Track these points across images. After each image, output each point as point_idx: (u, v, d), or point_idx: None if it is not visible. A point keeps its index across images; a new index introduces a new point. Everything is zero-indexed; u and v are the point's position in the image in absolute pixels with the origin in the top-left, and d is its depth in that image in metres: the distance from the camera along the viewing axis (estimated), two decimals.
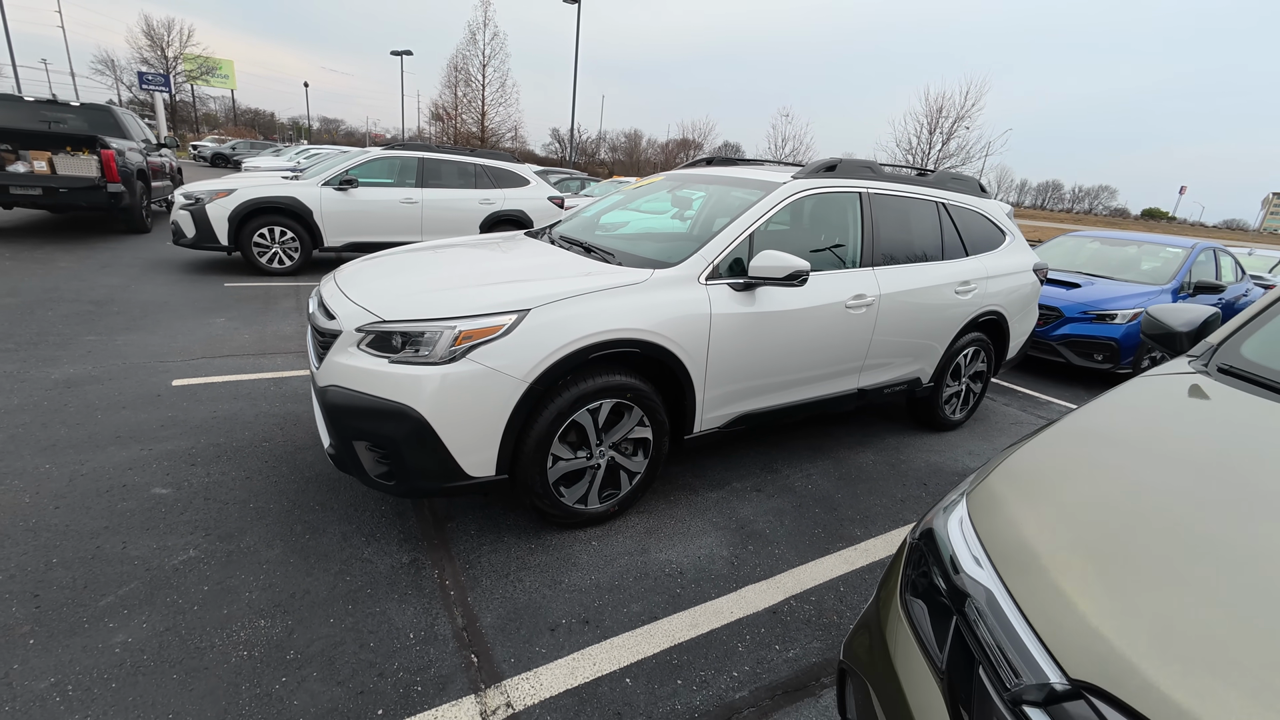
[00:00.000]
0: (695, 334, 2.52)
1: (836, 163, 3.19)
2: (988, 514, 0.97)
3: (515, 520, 2.56)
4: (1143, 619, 0.71)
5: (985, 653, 0.80)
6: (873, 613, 1.11)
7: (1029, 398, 5.06)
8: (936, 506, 1.15)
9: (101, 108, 9.26)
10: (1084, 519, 0.91)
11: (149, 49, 48.42)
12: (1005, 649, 0.77)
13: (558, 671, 1.82)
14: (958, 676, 0.86)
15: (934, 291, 3.46)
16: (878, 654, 1.01)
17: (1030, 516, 0.94)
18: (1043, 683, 0.72)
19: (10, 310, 4.73)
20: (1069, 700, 0.69)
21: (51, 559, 2.09)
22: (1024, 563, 0.85)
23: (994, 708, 0.75)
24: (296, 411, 3.40)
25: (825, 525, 2.76)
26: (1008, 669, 0.76)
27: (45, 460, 2.68)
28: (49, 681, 1.63)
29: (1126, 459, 1.08)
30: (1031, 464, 1.10)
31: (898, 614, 1.02)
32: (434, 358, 2.08)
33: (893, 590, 1.08)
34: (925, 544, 1.05)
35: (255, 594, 2.01)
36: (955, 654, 0.87)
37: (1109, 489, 0.99)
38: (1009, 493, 1.02)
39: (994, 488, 1.04)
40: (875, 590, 1.18)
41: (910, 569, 1.06)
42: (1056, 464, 1.10)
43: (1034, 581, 0.81)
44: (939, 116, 27.61)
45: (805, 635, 2.07)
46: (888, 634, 1.01)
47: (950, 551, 0.97)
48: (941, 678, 0.88)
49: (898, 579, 1.09)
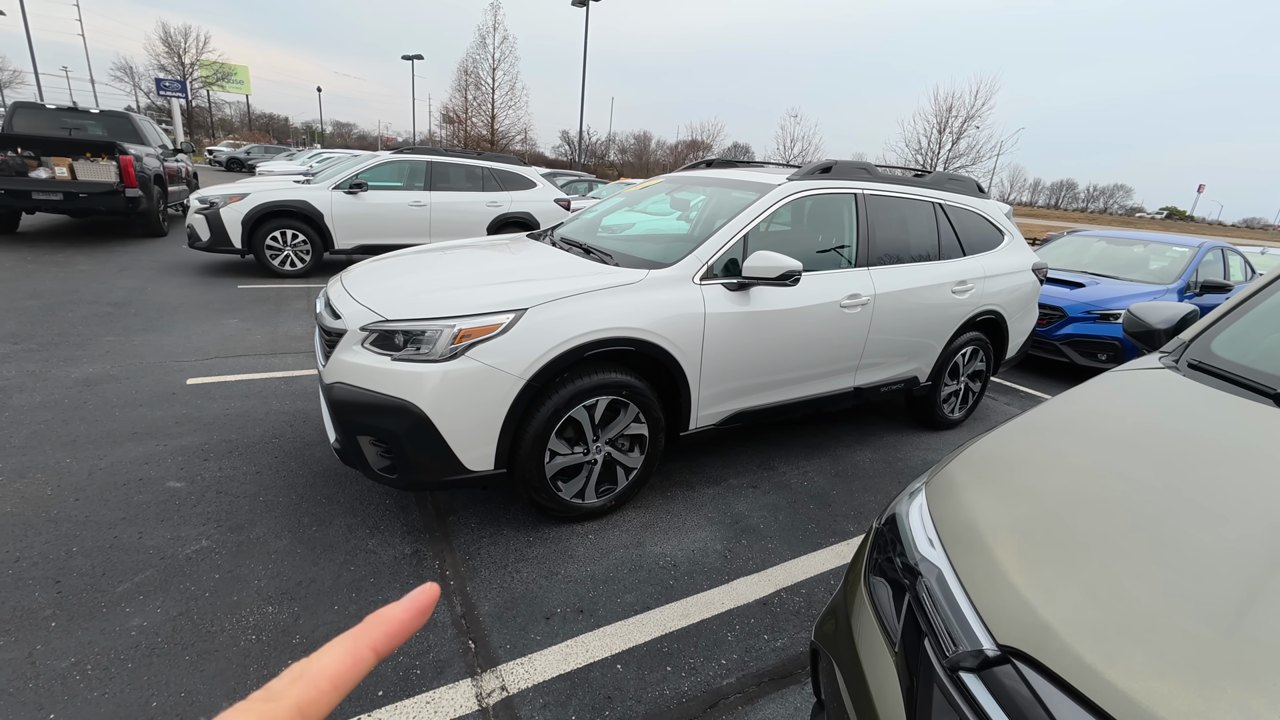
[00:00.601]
0: (689, 333, 2.59)
1: (832, 164, 3.24)
2: (943, 499, 1.03)
3: (515, 514, 2.63)
4: (1069, 590, 0.76)
5: (931, 627, 0.85)
6: (840, 596, 1.16)
7: (1031, 397, 5.06)
8: (902, 493, 1.20)
9: (120, 114, 9.49)
10: (1030, 501, 0.97)
11: (166, 55, 49.33)
12: (947, 620, 0.83)
13: (551, 657, 1.89)
14: (909, 650, 0.91)
15: (930, 291, 3.50)
16: (842, 633, 1.07)
17: (980, 500, 0.99)
18: (976, 649, 0.77)
19: (33, 312, 4.89)
20: (998, 665, 0.74)
21: (72, 547, 2.19)
22: (969, 541, 0.90)
23: (935, 675, 0.81)
24: (305, 409, 3.50)
25: (819, 521, 2.81)
26: (948, 639, 0.81)
27: (66, 455, 2.80)
28: (69, 661, 1.72)
29: (1081, 447, 1.13)
30: (989, 452, 1.15)
31: (861, 596, 1.08)
32: (434, 355, 2.15)
33: (859, 573, 1.14)
34: (888, 529, 1.10)
35: (264, 582, 2.10)
36: (909, 629, 0.92)
37: (1059, 474, 1.04)
38: (965, 479, 1.07)
39: (952, 475, 1.10)
40: (845, 572, 1.24)
41: (875, 552, 1.12)
42: (1013, 452, 1.15)
43: (975, 558, 0.87)
44: (949, 116, 27.47)
45: (794, 626, 2.12)
46: (852, 615, 1.07)
47: (909, 534, 1.02)
48: (896, 652, 0.93)
49: (863, 562, 1.14)
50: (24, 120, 8.91)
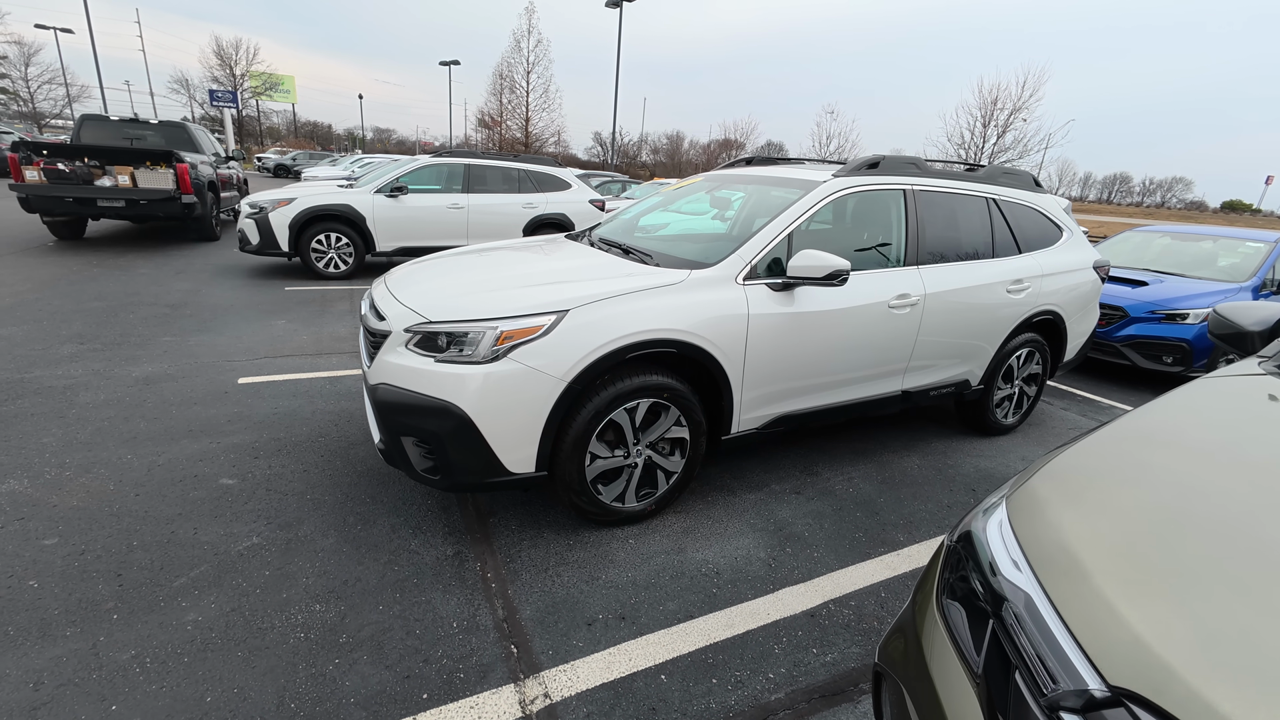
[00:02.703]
0: (732, 334, 2.52)
1: (879, 159, 3.12)
2: (1028, 517, 0.95)
3: (555, 517, 2.62)
4: (1188, 626, 0.68)
5: (1023, 658, 0.78)
6: (908, 616, 1.09)
7: (1089, 401, 4.81)
8: (976, 509, 1.12)
9: (177, 124, 9.94)
10: (1129, 523, 0.88)
11: (219, 68, 51.67)
12: (1043, 654, 0.75)
13: (594, 665, 1.86)
14: (994, 681, 0.84)
15: (983, 290, 3.34)
16: (912, 657, 1.00)
17: (1072, 520, 0.91)
18: (1081, 689, 0.70)
19: (98, 313, 5.14)
20: (1108, 707, 0.66)
21: (133, 541, 2.26)
22: (1064, 567, 0.82)
23: (1030, 713, 0.74)
24: (350, 409, 3.57)
25: (866, 529, 2.71)
26: (1045, 675, 0.74)
27: (127, 451, 2.91)
28: (130, 654, 1.77)
29: (1180, 462, 1.03)
30: (1076, 466, 1.06)
31: (934, 617, 1.01)
32: (477, 357, 2.15)
33: (929, 593, 1.07)
34: (963, 547, 1.03)
35: (311, 580, 2.13)
36: (992, 659, 0.85)
37: (1157, 492, 0.94)
38: (1051, 495, 0.99)
39: (1035, 490, 1.01)
40: (913, 592, 1.16)
41: (947, 572, 1.04)
42: (1103, 466, 1.05)
43: (1073, 586, 0.79)
44: (994, 109, 26.52)
45: (844, 640, 2.04)
46: (923, 637, 1.00)
47: (989, 555, 0.95)
48: (978, 682, 0.86)
49: (934, 582, 1.07)
50: (90, 131, 9.41)
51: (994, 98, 26.37)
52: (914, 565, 2.48)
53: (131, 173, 8.12)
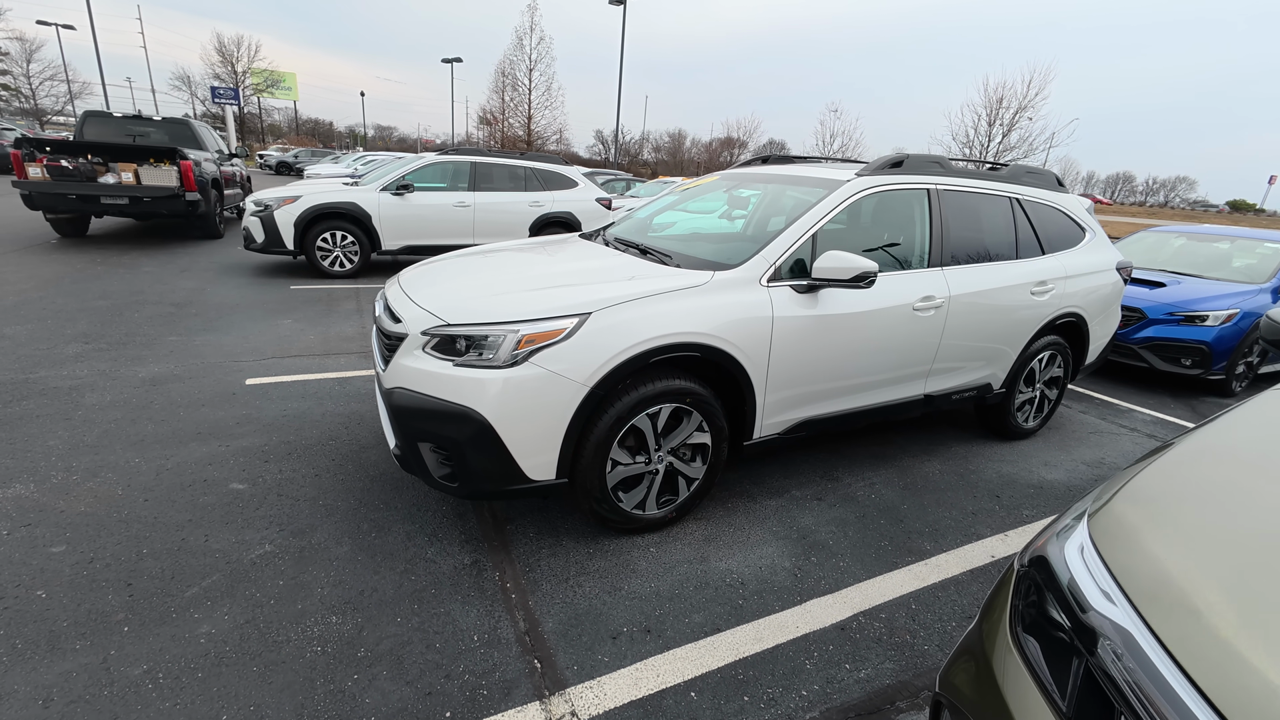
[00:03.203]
0: (757, 337, 2.46)
1: (903, 158, 3.05)
2: (1117, 543, 0.88)
3: (573, 524, 2.55)
4: None
5: (1129, 704, 0.72)
6: (977, 643, 1.03)
7: (1108, 405, 4.73)
8: (1048, 531, 1.06)
9: (180, 121, 9.87)
10: (1233, 553, 0.81)
11: (220, 64, 51.56)
12: (1157, 703, 0.69)
13: (621, 681, 1.80)
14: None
15: (1008, 292, 3.27)
16: (985, 690, 0.94)
17: (1169, 549, 0.84)
18: None
19: (102, 312, 5.08)
20: None
21: (142, 549, 2.20)
22: (1169, 602, 0.76)
23: None
24: (360, 411, 3.51)
25: (892, 538, 2.64)
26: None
27: (135, 455, 2.85)
28: (142, 669, 1.71)
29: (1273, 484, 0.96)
30: (1164, 487, 0.99)
31: (1008, 647, 0.94)
32: (497, 361, 2.08)
33: (999, 620, 1.00)
34: (1039, 573, 0.96)
35: (327, 590, 2.07)
36: (1085, 700, 0.79)
37: (1256, 519, 0.88)
38: (1140, 520, 0.92)
39: (1121, 513, 0.95)
40: (977, 618, 1.10)
41: (1019, 599, 0.98)
42: (1190, 488, 0.99)
43: (1185, 625, 0.72)
44: (999, 108, 26.38)
45: (877, 655, 1.97)
46: (996, 669, 0.93)
47: (1073, 584, 0.88)
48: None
49: (1005, 608, 1.00)
50: (93, 128, 9.35)
51: (999, 96, 26.23)
52: (943, 576, 2.41)
53: (135, 170, 8.06)
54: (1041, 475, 3.38)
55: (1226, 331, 4.96)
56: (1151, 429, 4.28)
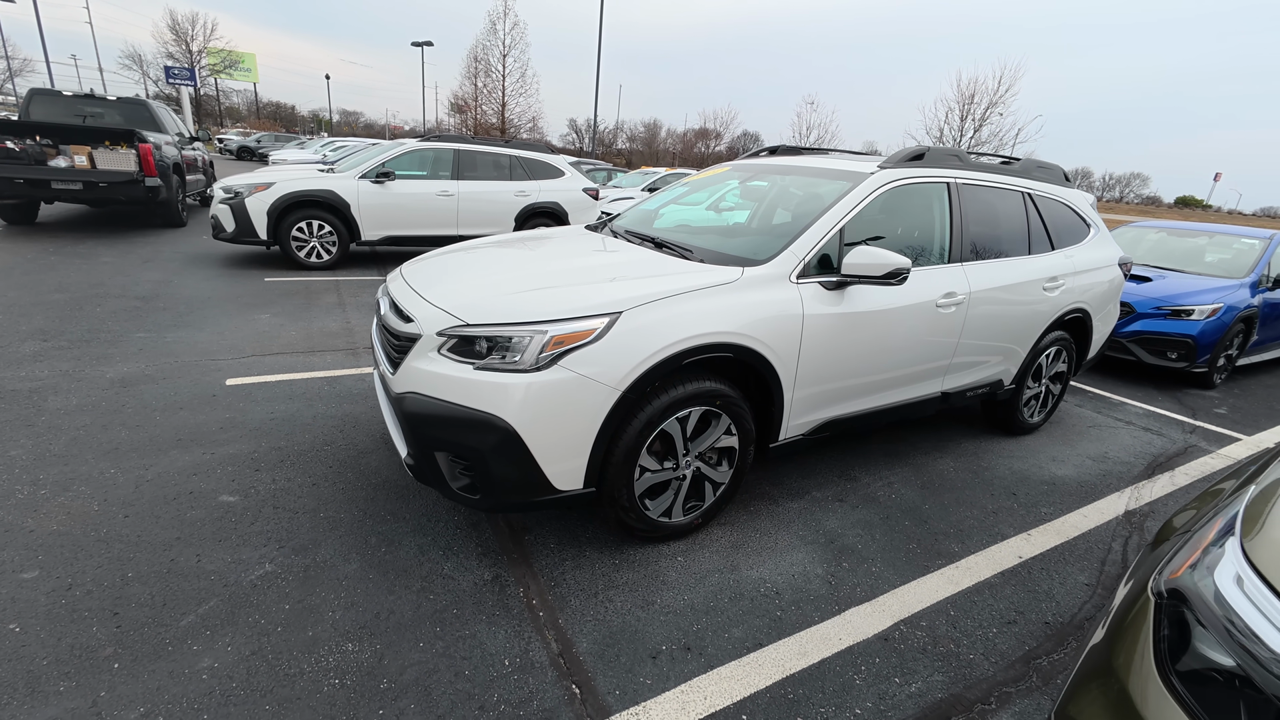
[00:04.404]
0: (788, 336, 2.36)
1: (925, 151, 2.98)
2: None
3: (595, 533, 2.43)
4: None
5: None
6: (1112, 680, 0.94)
7: (1101, 398, 4.80)
8: (1184, 555, 0.98)
9: (137, 101, 9.29)
10: None
11: (174, 43, 49.15)
12: None
13: (668, 706, 1.69)
14: None
15: (1023, 288, 3.25)
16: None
17: None
18: None
19: (60, 306, 4.71)
20: None
21: (127, 573, 2.00)
22: None
23: None
24: (354, 413, 3.31)
25: (919, 540, 2.59)
26: None
27: (110, 465, 2.61)
28: (138, 712, 1.53)
29: None
30: None
31: (1157, 686, 0.86)
32: (523, 364, 1.94)
33: (1138, 656, 0.92)
34: (1188, 606, 0.88)
35: (338, 614, 1.91)
36: None
37: None
38: None
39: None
40: (1104, 649, 1.02)
41: (1166, 633, 0.90)
42: None
43: None
44: (970, 103, 26.83)
45: (925, 667, 1.91)
46: (1145, 710, 0.85)
47: (1240, 619, 0.80)
48: None
49: (1144, 642, 0.92)
50: (41, 108, 8.72)
51: (971, 92, 26.68)
52: (975, 579, 2.37)
53: (89, 153, 7.54)
54: (1052, 471, 3.39)
55: (1211, 325, 5.08)
56: (1146, 422, 4.35)
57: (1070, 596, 2.32)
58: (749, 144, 68.25)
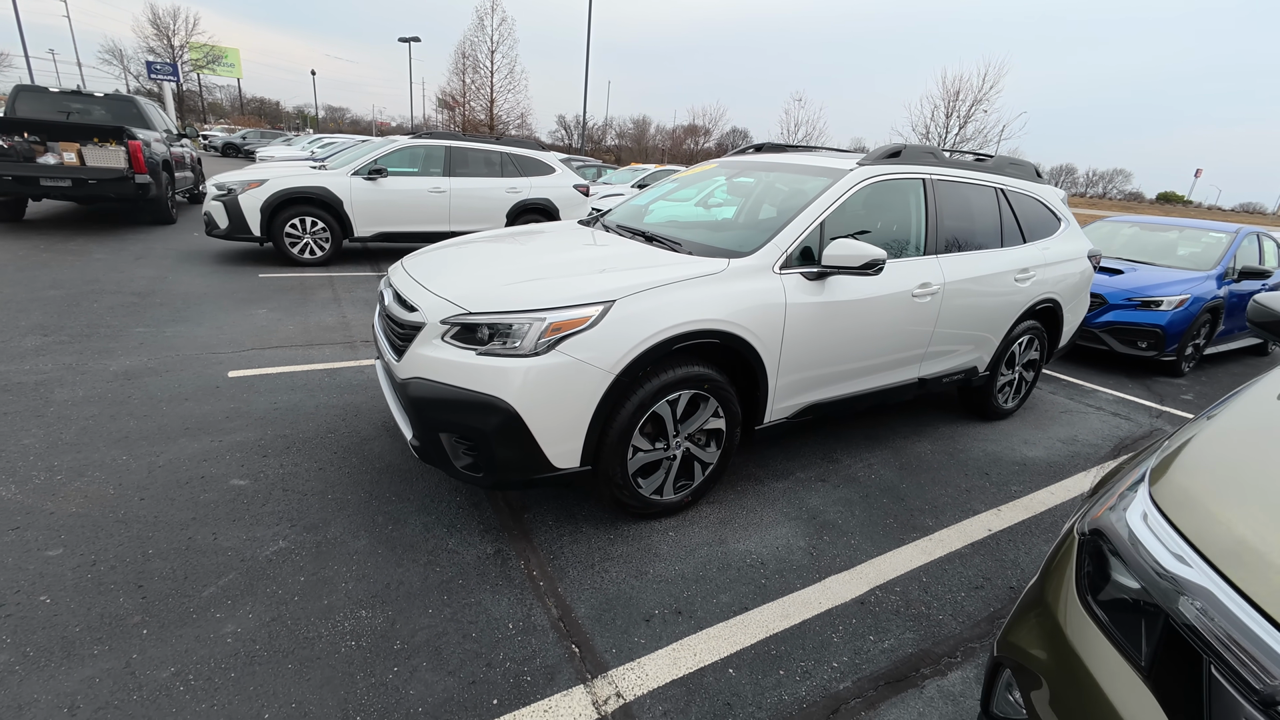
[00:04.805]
0: (771, 324, 2.50)
1: (901, 148, 3.13)
2: (1186, 511, 0.96)
3: (591, 511, 2.57)
4: None
5: (1218, 654, 0.79)
6: (1042, 608, 1.10)
7: (1074, 386, 5.01)
8: (1101, 500, 1.13)
9: (125, 98, 9.26)
10: None
11: (155, 38, 48.31)
12: (1248, 649, 0.76)
13: (660, 662, 1.83)
14: (1167, 674, 0.85)
15: (995, 279, 3.42)
16: (1058, 651, 1.01)
17: (1240, 513, 0.92)
18: None
19: (57, 302, 4.76)
20: None
21: (147, 550, 2.11)
22: (1251, 562, 0.83)
23: (1236, 709, 0.74)
24: (355, 402, 3.41)
25: (896, 515, 2.75)
26: (1254, 670, 0.75)
27: (121, 452, 2.71)
28: (170, 671, 1.65)
29: None
30: (1216, 457, 1.08)
31: (1078, 612, 1.01)
32: (523, 349, 2.07)
33: (1064, 586, 1.07)
34: (1102, 540, 1.03)
35: (351, 585, 2.03)
36: (1166, 655, 0.86)
37: None
38: (1204, 489, 1.00)
39: (1185, 484, 1.02)
40: (1037, 584, 1.17)
41: (1084, 565, 1.05)
42: (1243, 456, 1.08)
43: (1271, 580, 0.80)
44: (956, 100, 27.18)
45: (897, 626, 2.07)
46: (1069, 633, 1.00)
47: (1143, 548, 0.95)
48: (1149, 678, 0.87)
49: (1069, 574, 1.08)
50: (27, 104, 8.67)
51: (956, 89, 27.04)
52: (947, 550, 2.53)
53: (79, 150, 7.51)
54: (1024, 453, 3.57)
55: (1178, 316, 5.31)
56: (1115, 407, 4.56)
57: (1034, 564, 2.49)
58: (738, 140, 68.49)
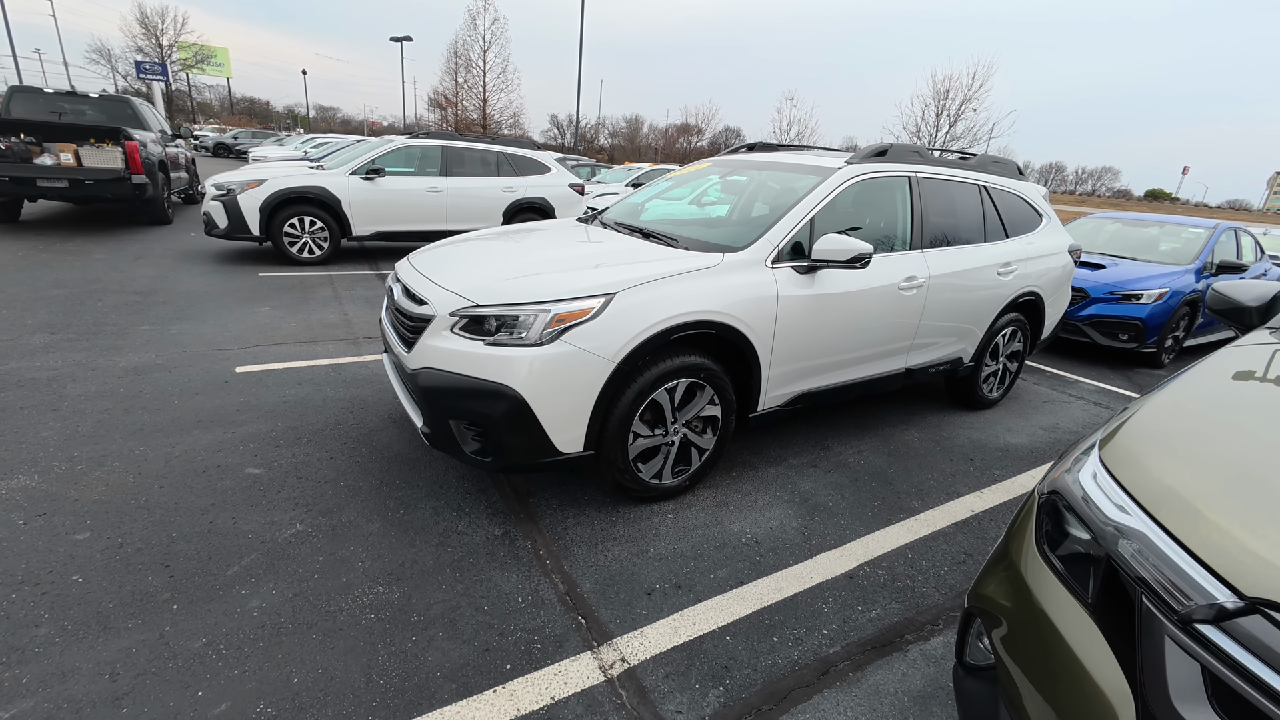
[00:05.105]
0: (764, 315, 2.63)
1: (887, 148, 3.26)
2: (1128, 468, 1.08)
3: (593, 495, 2.68)
4: None
5: (1148, 585, 0.91)
6: (1006, 562, 1.22)
7: (1058, 377, 5.17)
8: (1059, 466, 1.26)
9: (120, 98, 9.29)
10: (1224, 468, 1.03)
11: (143, 37, 47.89)
12: (1170, 579, 0.89)
13: (662, 630, 1.95)
14: (1109, 609, 0.98)
15: (978, 273, 3.56)
16: (1019, 597, 1.13)
17: (1172, 467, 1.05)
18: (1212, 603, 0.83)
19: (60, 301, 4.83)
20: (1243, 615, 0.80)
21: (171, 533, 2.21)
22: (1177, 507, 0.96)
23: (1161, 630, 0.87)
24: (361, 396, 3.51)
25: (884, 498, 2.89)
26: (1175, 595, 0.87)
27: (137, 443, 2.80)
28: (201, 641, 1.76)
29: (1247, 416, 1.19)
30: (1156, 424, 1.21)
31: (1037, 561, 1.14)
32: (529, 340, 2.18)
33: (1025, 541, 1.20)
34: (1059, 498, 1.16)
35: (367, 564, 2.14)
36: (1107, 591, 0.98)
37: (1239, 442, 1.10)
38: (1144, 449, 1.13)
39: (1128, 446, 1.15)
40: (1002, 542, 1.30)
41: (1044, 521, 1.18)
42: (1181, 423, 1.21)
43: (1191, 522, 0.92)
44: (946, 99, 27.44)
45: (884, 598, 2.20)
46: (1029, 580, 1.13)
47: (1091, 502, 1.08)
48: (1095, 613, 0.99)
49: (1030, 530, 1.20)
50: (21, 105, 8.69)
51: (946, 88, 27.32)
52: (932, 529, 2.67)
53: (75, 150, 7.55)
54: (1007, 440, 3.72)
55: (1158, 309, 5.48)
56: (1096, 397, 4.72)
57: None
58: (730, 139, 68.72)
